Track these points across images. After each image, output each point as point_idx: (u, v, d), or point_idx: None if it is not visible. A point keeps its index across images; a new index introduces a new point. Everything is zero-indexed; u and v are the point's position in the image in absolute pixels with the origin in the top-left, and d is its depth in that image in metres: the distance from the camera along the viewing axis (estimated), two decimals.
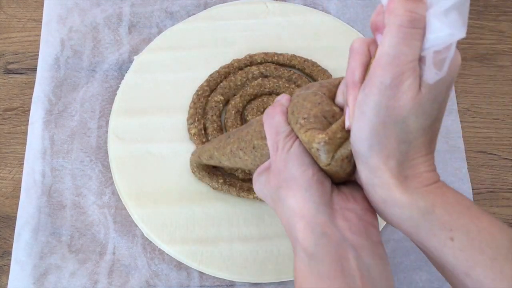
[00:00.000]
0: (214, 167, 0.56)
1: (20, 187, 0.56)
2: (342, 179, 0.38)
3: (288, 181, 0.37)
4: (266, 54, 0.62)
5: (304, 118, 0.37)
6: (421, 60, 0.32)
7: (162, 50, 0.62)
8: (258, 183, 0.41)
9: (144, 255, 0.53)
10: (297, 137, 0.38)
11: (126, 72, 0.61)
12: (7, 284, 0.52)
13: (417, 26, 0.31)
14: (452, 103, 0.61)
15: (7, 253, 0.54)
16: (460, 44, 0.66)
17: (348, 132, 0.36)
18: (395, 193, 0.34)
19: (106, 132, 0.59)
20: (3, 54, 0.63)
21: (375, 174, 0.34)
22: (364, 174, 0.35)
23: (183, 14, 0.65)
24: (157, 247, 0.54)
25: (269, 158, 0.41)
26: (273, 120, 0.39)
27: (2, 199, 0.57)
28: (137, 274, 0.53)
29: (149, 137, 0.58)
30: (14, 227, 0.54)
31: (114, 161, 0.57)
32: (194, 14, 0.65)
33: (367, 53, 0.35)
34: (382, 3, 0.34)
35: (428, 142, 0.35)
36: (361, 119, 0.34)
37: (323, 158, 0.36)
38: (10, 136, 0.59)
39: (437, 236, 0.34)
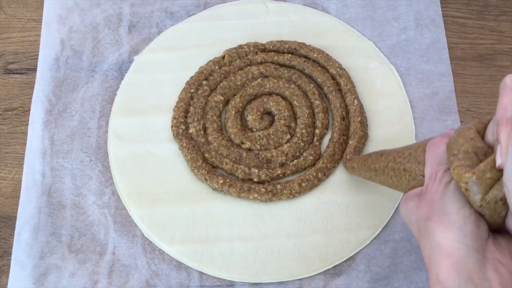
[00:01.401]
0: (214, 167, 0.56)
1: (20, 187, 0.56)
2: (497, 225, 0.35)
3: (440, 214, 0.35)
4: (266, 54, 0.62)
5: (454, 155, 0.36)
6: None
7: (162, 50, 0.62)
8: (405, 208, 0.39)
9: (144, 255, 0.53)
10: None
11: (126, 72, 0.61)
12: (7, 284, 0.52)
13: None
14: (452, 103, 0.61)
15: (7, 253, 0.54)
16: (460, 44, 0.66)
17: (500, 172, 0.33)
18: None
19: (106, 132, 0.59)
20: (3, 54, 0.63)
21: None
22: None
23: (183, 14, 0.65)
24: (157, 247, 0.54)
25: (419, 184, 0.40)
26: (438, 149, 0.37)
27: (2, 199, 0.57)
28: (137, 274, 0.53)
29: (149, 137, 0.58)
30: (14, 227, 0.54)
31: (114, 161, 0.57)
32: (194, 14, 0.65)
33: None
34: None
35: None
36: None
37: (474, 199, 0.34)
38: (10, 136, 0.59)
39: None
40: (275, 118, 0.59)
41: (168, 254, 0.53)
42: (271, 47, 0.62)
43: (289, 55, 0.62)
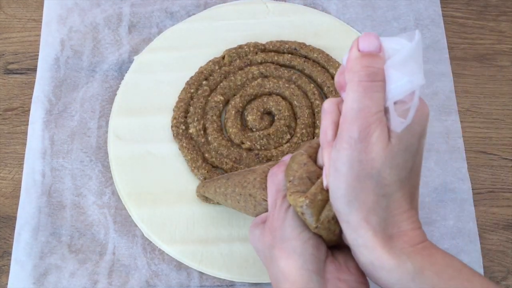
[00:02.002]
0: (214, 167, 0.56)
1: (20, 187, 0.56)
2: (335, 242, 0.37)
3: (283, 241, 0.36)
4: (266, 54, 0.62)
5: (290, 181, 0.37)
6: (386, 111, 0.33)
7: (162, 50, 0.62)
8: (252, 236, 0.41)
9: (144, 255, 0.53)
10: None
11: (126, 72, 0.61)
12: (7, 284, 0.52)
13: (376, 79, 0.32)
14: (452, 103, 0.61)
15: (7, 253, 0.54)
16: (460, 44, 0.66)
17: (328, 192, 0.35)
18: (381, 253, 0.33)
19: (106, 132, 0.59)
20: (3, 54, 0.63)
21: (358, 233, 0.34)
22: (348, 234, 0.35)
23: (183, 14, 0.65)
24: (157, 247, 0.54)
25: (264, 210, 0.42)
26: (276, 178, 0.39)
27: (2, 199, 0.57)
28: (137, 274, 0.53)
29: (149, 137, 0.58)
30: (14, 227, 0.54)
31: (114, 161, 0.57)
32: (194, 14, 0.65)
33: (337, 111, 0.35)
34: (343, 63, 0.35)
35: (409, 196, 0.34)
36: (336, 176, 0.33)
37: (310, 221, 0.36)
38: (10, 136, 0.59)
39: None
40: (275, 118, 0.59)
41: (168, 254, 0.53)
42: (271, 47, 0.62)
43: (289, 55, 0.62)
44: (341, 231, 0.36)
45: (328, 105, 0.36)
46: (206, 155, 0.57)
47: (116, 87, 0.61)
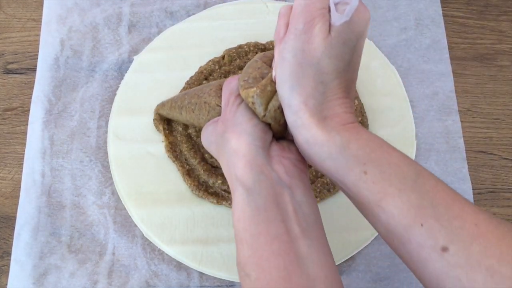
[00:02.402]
0: (214, 167, 0.56)
1: (20, 187, 0.56)
2: (280, 133, 0.42)
3: (234, 126, 0.40)
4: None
5: (245, 80, 0.41)
6: (329, 10, 0.37)
7: (162, 50, 0.62)
8: (205, 133, 0.45)
9: (144, 255, 0.53)
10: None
11: (126, 72, 0.61)
12: (7, 284, 0.52)
13: None
14: (452, 103, 0.61)
15: (7, 253, 0.54)
16: (460, 44, 0.66)
17: (276, 85, 0.40)
18: (315, 131, 0.37)
19: (106, 132, 0.58)
20: (3, 54, 0.63)
21: (297, 115, 0.38)
22: (289, 117, 0.39)
23: (183, 14, 0.65)
24: (157, 247, 0.54)
25: (217, 115, 0.46)
26: (230, 84, 0.44)
27: (2, 199, 0.57)
28: (137, 274, 0.53)
29: (149, 137, 0.58)
30: (14, 227, 0.54)
31: (113, 161, 0.57)
32: (194, 14, 0.65)
33: (290, 14, 0.39)
34: None
35: (345, 86, 0.39)
36: (282, 64, 0.38)
37: (259, 110, 0.40)
38: (10, 136, 0.59)
39: (353, 170, 0.36)
40: None
41: (168, 254, 0.53)
42: (271, 47, 0.62)
43: None
44: (285, 122, 0.40)
45: (284, 9, 0.40)
46: (206, 155, 0.57)
47: (115, 87, 0.61)
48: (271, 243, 0.36)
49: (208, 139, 0.44)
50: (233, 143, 0.40)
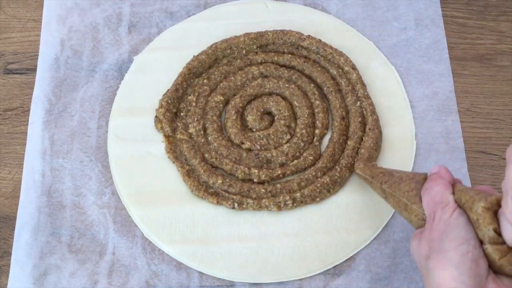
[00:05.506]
0: (214, 167, 0.56)
1: (20, 187, 0.56)
2: (499, 267, 0.35)
3: (439, 253, 0.35)
4: (266, 54, 0.62)
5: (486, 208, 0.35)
6: None
7: (162, 50, 0.62)
8: (411, 247, 0.40)
9: (144, 255, 0.53)
10: (458, 207, 0.36)
11: (126, 72, 0.61)
12: (7, 284, 0.52)
13: None
14: (452, 103, 0.61)
15: (7, 253, 0.54)
16: (460, 44, 0.66)
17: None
18: None
19: (106, 132, 0.59)
20: (3, 54, 0.63)
21: None
22: None
23: (183, 14, 0.65)
24: (157, 247, 0.54)
25: (422, 221, 0.41)
26: (432, 191, 0.39)
27: (2, 199, 0.57)
28: (137, 274, 0.53)
29: (149, 137, 0.58)
30: (14, 227, 0.54)
31: (114, 161, 0.57)
32: (194, 14, 0.65)
33: None
34: None
35: None
36: None
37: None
38: (10, 136, 0.59)
39: None
40: (275, 118, 0.59)
41: (168, 254, 0.53)
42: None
43: (289, 55, 0.62)
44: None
45: None
46: (206, 155, 0.57)
47: (116, 87, 0.61)
48: None
49: (414, 256, 0.39)
50: (437, 275, 0.34)
